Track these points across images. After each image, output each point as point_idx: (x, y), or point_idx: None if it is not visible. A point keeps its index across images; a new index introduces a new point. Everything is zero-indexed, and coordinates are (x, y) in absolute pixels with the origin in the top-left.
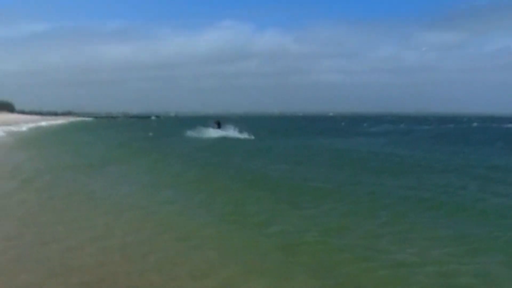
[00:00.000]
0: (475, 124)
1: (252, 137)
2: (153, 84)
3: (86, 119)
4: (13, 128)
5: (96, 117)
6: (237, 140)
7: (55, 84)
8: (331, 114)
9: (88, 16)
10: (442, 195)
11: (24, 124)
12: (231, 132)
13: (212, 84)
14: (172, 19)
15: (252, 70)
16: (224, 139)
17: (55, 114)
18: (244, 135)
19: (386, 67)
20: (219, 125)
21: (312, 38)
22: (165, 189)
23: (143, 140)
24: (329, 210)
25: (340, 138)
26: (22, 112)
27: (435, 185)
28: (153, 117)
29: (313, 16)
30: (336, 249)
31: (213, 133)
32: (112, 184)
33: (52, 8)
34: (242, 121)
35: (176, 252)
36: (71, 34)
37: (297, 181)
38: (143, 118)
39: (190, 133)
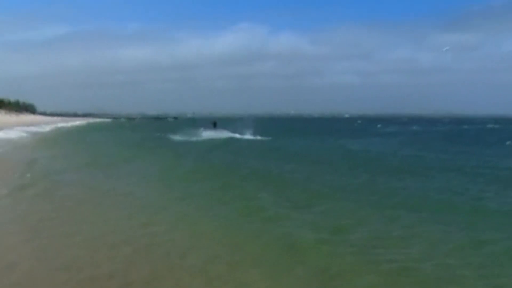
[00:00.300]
0: (489, 126)
1: (269, 138)
2: (171, 86)
3: (105, 120)
4: (35, 129)
5: (115, 118)
6: (252, 140)
7: (75, 86)
8: (346, 115)
9: (108, 19)
10: (446, 194)
11: (45, 125)
12: (247, 134)
13: (229, 85)
14: (189, 22)
15: (268, 72)
16: (236, 140)
17: (75, 115)
18: (258, 136)
19: (402, 68)
20: (215, 125)
21: (327, 40)
22: (176, 186)
23: (155, 140)
24: (335, 209)
25: (353, 139)
26: (43, 113)
27: (440, 184)
28: (169, 118)
29: (328, 18)
30: (338, 245)
31: (221, 133)
32: (126, 181)
33: (73, 12)
34: (258, 121)
35: (188, 244)
36: (91, 37)
37: (305, 180)
38: (160, 119)
39: (199, 133)
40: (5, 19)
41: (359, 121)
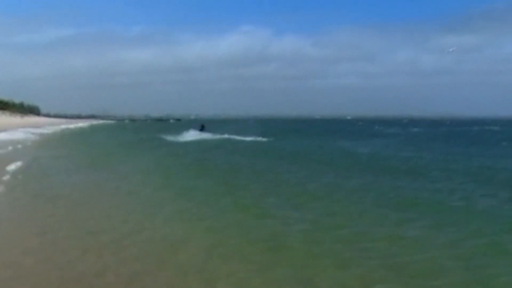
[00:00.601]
0: (488, 127)
1: (270, 139)
2: (174, 88)
3: (109, 121)
4: (39, 131)
5: (118, 120)
6: (252, 142)
7: (79, 88)
8: (348, 117)
9: (112, 22)
10: (438, 194)
11: (49, 126)
12: (247, 135)
13: (232, 87)
14: (193, 24)
15: (271, 74)
16: (236, 141)
17: (79, 117)
18: (258, 138)
19: (404, 70)
20: (202, 127)
21: (330, 42)
22: (175, 184)
23: (155, 141)
24: (328, 207)
25: (352, 141)
26: (48, 115)
27: (433, 184)
28: (171, 120)
29: (331, 21)
30: (330, 240)
31: (220, 135)
32: (127, 180)
33: (77, 14)
34: (260, 123)
35: (188, 237)
36: (95, 39)
37: (303, 179)
38: (163, 120)
39: (198, 135)
40: (10, 21)
41: (360, 123)
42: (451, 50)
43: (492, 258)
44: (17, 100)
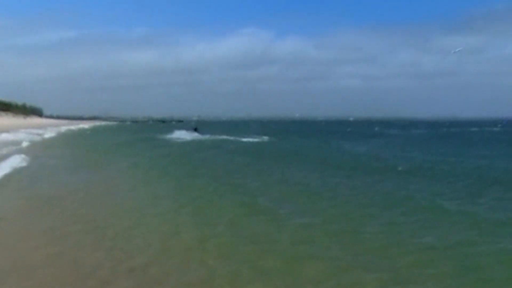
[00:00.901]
0: (488, 129)
1: (270, 140)
2: (177, 89)
3: (111, 123)
4: (41, 131)
5: (121, 121)
6: (252, 142)
7: (82, 89)
8: (351, 118)
9: (114, 24)
10: (427, 193)
11: (51, 127)
12: (247, 136)
13: (234, 89)
14: (195, 26)
15: (273, 76)
16: (236, 141)
17: (81, 118)
18: (256, 139)
19: (406, 72)
20: (195, 129)
21: (332, 44)
22: (172, 182)
23: (154, 141)
24: (316, 206)
25: (350, 141)
26: (50, 116)
27: (422, 184)
28: (173, 122)
29: (333, 22)
30: (315, 239)
31: (220, 135)
32: (125, 179)
33: (79, 16)
34: (262, 124)
35: (181, 232)
36: (97, 41)
37: (294, 179)
38: (165, 122)
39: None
40: (12, 23)
41: (362, 124)
42: (457, 50)
43: (482, 251)
44: (19, 101)
